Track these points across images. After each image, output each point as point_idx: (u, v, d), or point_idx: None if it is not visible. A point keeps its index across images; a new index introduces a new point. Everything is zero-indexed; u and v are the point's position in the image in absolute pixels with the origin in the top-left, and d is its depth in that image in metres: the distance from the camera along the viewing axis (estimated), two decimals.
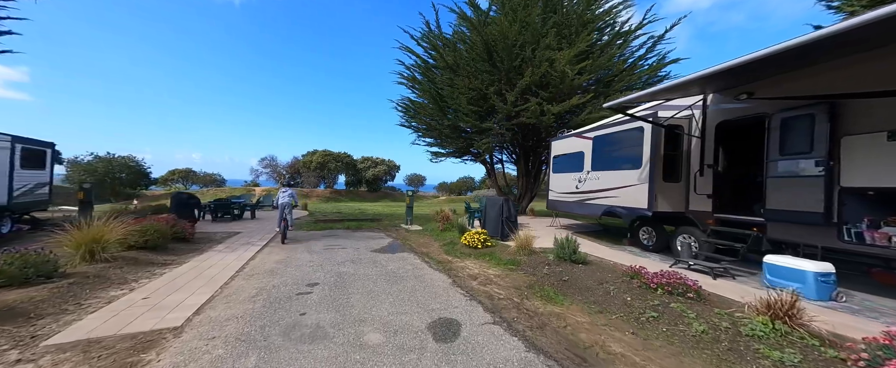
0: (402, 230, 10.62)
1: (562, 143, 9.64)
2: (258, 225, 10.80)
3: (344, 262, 6.06)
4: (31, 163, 7.37)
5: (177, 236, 7.04)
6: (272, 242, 8.06)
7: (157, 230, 6.14)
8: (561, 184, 9.56)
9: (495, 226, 8.07)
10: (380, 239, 8.74)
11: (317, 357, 2.72)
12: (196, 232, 8.53)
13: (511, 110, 11.42)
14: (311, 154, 37.66)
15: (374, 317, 3.57)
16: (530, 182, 15.07)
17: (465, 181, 47.52)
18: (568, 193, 9.14)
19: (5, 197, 6.59)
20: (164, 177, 36.76)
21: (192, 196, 9.81)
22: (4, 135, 6.66)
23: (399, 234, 9.72)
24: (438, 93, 13.24)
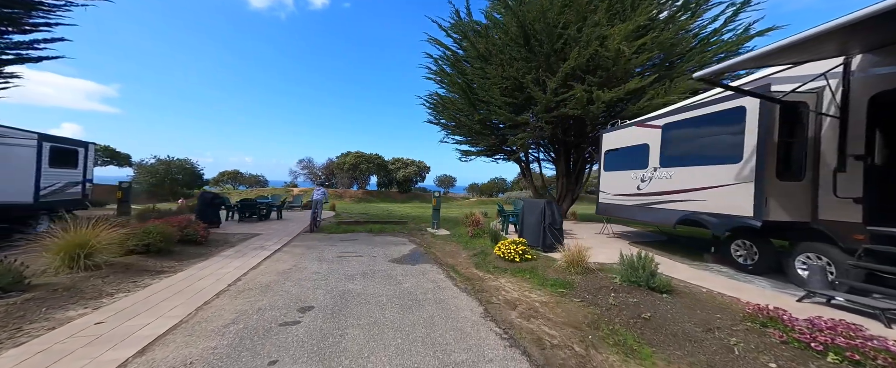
0: (428, 235, 9.50)
1: (616, 135, 7.93)
2: (282, 226, 10.31)
3: (354, 276, 5.03)
4: (62, 162, 7.36)
5: (187, 239, 6.52)
6: (287, 246, 7.33)
7: (161, 233, 5.57)
8: (615, 183, 7.84)
9: (535, 234, 6.64)
10: (401, 246, 7.68)
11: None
12: (213, 234, 8.11)
13: (551, 100, 9.84)
14: (345, 155, 38.27)
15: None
16: (571, 182, 13.25)
17: (496, 182, 45.69)
18: (625, 195, 7.42)
19: (31, 195, 6.53)
20: (215, 178, 39.37)
21: (218, 196, 9.53)
22: (31, 133, 6.60)
23: (423, 240, 8.60)
24: (469, 86, 12.00)
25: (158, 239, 5.47)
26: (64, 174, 7.45)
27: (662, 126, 6.44)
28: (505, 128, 12.12)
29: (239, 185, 40.97)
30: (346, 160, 37.50)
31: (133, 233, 5.35)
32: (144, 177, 29.55)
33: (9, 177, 6.21)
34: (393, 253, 6.87)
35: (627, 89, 8.65)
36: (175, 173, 30.68)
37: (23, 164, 6.42)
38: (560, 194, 13.41)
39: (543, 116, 10.33)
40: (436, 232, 9.80)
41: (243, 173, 40.82)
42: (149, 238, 5.41)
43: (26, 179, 6.49)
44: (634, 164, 7.15)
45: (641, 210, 6.89)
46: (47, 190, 6.97)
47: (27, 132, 6.55)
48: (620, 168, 7.67)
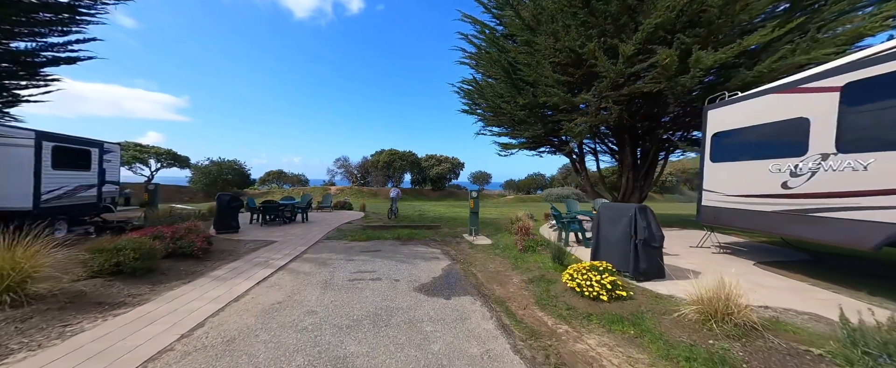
0: (465, 244, 7.70)
1: (737, 110, 5.42)
2: (304, 231, 9.18)
3: (360, 322, 3.39)
4: (70, 164, 6.75)
5: (180, 252, 5.40)
6: (297, 260, 5.98)
7: (137, 249, 4.41)
8: (734, 179, 5.38)
9: (622, 255, 4.52)
10: (432, 261, 5.97)
11: None
12: (226, 242, 7.07)
13: (622, 73, 7.47)
14: (379, 153, 37.82)
15: None
16: (638, 177, 10.61)
17: (534, 178, 42.55)
18: (756, 197, 4.96)
19: (30, 200, 5.89)
20: (262, 177, 41.20)
21: (235, 198, 8.61)
22: (27, 130, 5.95)
23: (460, 252, 6.82)
24: (511, 66, 9.92)
25: (131, 258, 4.30)
26: (73, 177, 6.85)
27: (843, 86, 3.94)
28: (555, 113, 9.86)
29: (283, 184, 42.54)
30: (379, 158, 37.03)
31: (101, 250, 4.22)
32: (199, 178, 31.39)
33: (1, 180, 5.58)
34: (421, 273, 5.16)
35: (744, 46, 6.04)
36: (225, 173, 32.20)
37: (18, 166, 5.76)
38: (624, 192, 10.83)
39: (610, 95, 7.96)
40: (474, 241, 7.97)
41: (287, 173, 42.26)
42: (119, 256, 4.25)
43: (23, 183, 5.83)
44: (776, 150, 4.68)
45: (793, 220, 4.42)
46: (51, 194, 6.34)
47: (23, 130, 5.90)
48: (744, 156, 5.20)
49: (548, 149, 13.99)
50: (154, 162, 33.38)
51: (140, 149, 31.72)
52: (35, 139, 5.93)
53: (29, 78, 9.56)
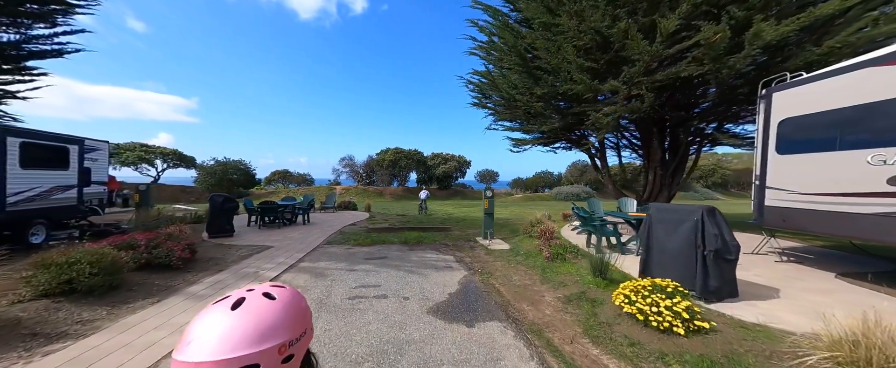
0: (480, 250, 6.84)
1: (822, 90, 4.43)
2: (303, 234, 8.41)
3: (360, 362, 2.56)
4: (43, 163, 6.05)
5: (156, 262, 4.64)
6: (291, 270, 5.19)
7: (95, 262, 3.64)
8: (814, 174, 4.41)
9: (682, 268, 3.61)
10: (446, 272, 5.11)
11: None
12: (218, 247, 6.33)
13: (659, 53, 6.51)
14: (384, 152, 37.12)
15: None
16: (666, 174, 9.61)
17: (542, 176, 41.43)
18: (844, 195, 4.00)
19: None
20: (267, 177, 40.83)
21: (229, 198, 7.87)
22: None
23: (476, 259, 5.96)
24: (528, 52, 8.99)
25: (87, 273, 3.53)
26: (46, 177, 6.15)
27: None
28: (576, 105, 8.91)
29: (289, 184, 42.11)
30: (385, 157, 36.32)
31: (49, 265, 3.46)
32: (205, 178, 31.02)
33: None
34: (434, 288, 4.31)
35: (817, 16, 5.04)
36: (231, 173, 31.78)
37: None
38: (650, 190, 9.84)
39: (643, 81, 7.00)
40: (490, 246, 7.10)
41: (292, 172, 41.83)
42: (72, 271, 3.48)
43: None
44: (880, 138, 3.72)
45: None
46: (20, 196, 5.63)
47: None
48: (829, 146, 4.23)
49: (564, 144, 13.04)
50: (160, 162, 33.15)
51: (146, 149, 31.47)
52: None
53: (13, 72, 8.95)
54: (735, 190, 46.21)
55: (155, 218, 7.60)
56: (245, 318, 0.57)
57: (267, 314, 0.59)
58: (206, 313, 0.58)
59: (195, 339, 0.53)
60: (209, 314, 0.58)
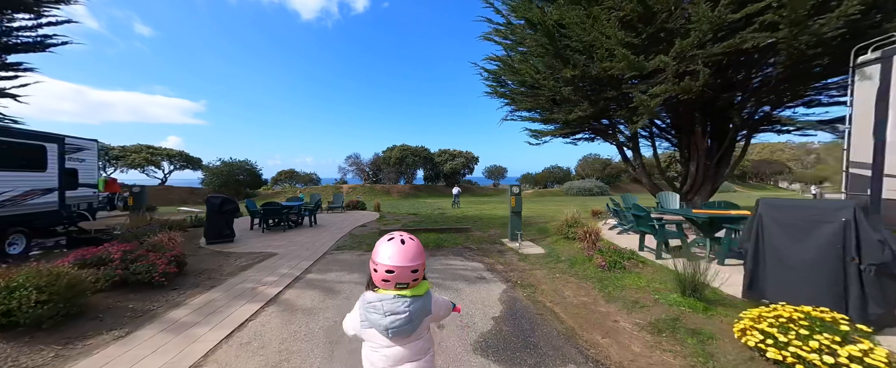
0: (511, 254, 5.92)
1: None
2: (311, 238, 7.59)
3: None
4: (10, 163, 5.27)
5: (134, 279, 3.82)
6: (296, 285, 4.34)
7: (46, 287, 2.80)
8: None
9: (821, 285, 2.65)
10: (481, 286, 4.19)
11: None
12: (216, 255, 5.52)
13: (722, 20, 5.47)
14: (390, 149, 36.31)
15: None
16: (710, 166, 8.54)
17: (552, 172, 40.27)
18: None
19: None
20: (274, 177, 40.36)
21: (228, 200, 7.07)
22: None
23: (511, 267, 5.03)
24: (556, 29, 7.95)
25: (32, 302, 2.69)
26: (16, 179, 5.37)
27: None
28: (612, 88, 7.87)
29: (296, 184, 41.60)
30: (391, 154, 35.53)
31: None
32: (211, 179, 30.55)
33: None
34: (473, 310, 3.40)
35: None
36: (237, 174, 31.28)
37: None
38: (692, 183, 8.78)
39: (698, 54, 5.95)
40: (521, 249, 6.17)
41: (299, 172, 41.32)
42: (10, 300, 2.65)
43: None
44: None
45: None
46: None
47: None
48: None
49: (588, 135, 11.99)
50: (167, 164, 32.82)
51: (152, 151, 31.13)
52: None
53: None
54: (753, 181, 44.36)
55: (146, 223, 6.82)
56: (410, 246, 1.13)
57: (415, 246, 1.15)
58: (390, 245, 1.13)
59: (391, 254, 1.10)
60: (392, 245, 1.12)
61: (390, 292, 1.12)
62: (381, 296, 1.12)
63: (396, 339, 1.12)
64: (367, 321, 1.14)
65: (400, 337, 1.11)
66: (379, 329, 1.11)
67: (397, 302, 1.10)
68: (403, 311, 1.09)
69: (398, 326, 1.09)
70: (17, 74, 8.51)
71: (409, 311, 1.10)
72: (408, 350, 1.14)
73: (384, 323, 1.09)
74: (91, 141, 7.64)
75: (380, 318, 1.10)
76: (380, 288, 1.14)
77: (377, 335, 1.12)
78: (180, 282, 4.30)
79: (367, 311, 1.14)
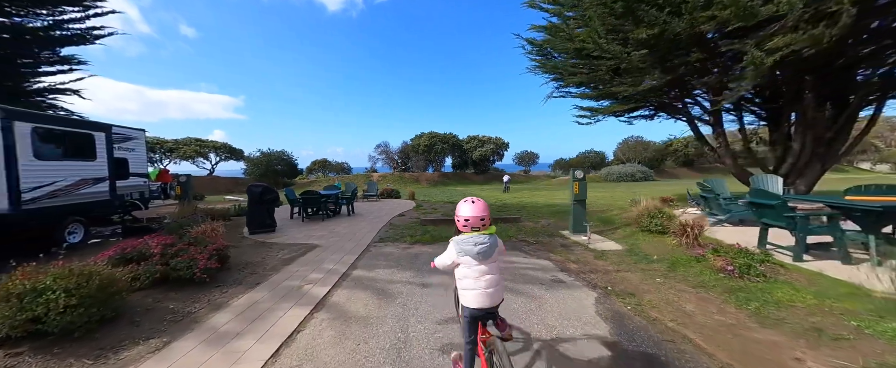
0: (581, 250, 5.01)
1: None
2: (350, 228, 7.17)
3: None
4: (63, 152, 5.20)
5: (175, 276, 3.45)
6: (346, 283, 3.80)
7: (74, 289, 2.41)
8: None
9: None
10: (563, 292, 3.37)
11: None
12: (258, 246, 5.20)
13: None
14: (419, 137, 35.77)
15: None
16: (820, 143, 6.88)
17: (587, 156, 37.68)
18: None
19: (5, 199, 4.35)
20: (309, 167, 41.63)
21: (268, 189, 6.77)
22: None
23: (589, 267, 4.14)
24: None
25: (57, 310, 2.30)
26: (69, 168, 5.31)
27: None
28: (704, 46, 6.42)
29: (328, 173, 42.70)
30: (420, 142, 35.00)
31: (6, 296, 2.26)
32: (253, 169, 31.98)
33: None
34: (565, 327, 2.60)
35: None
36: (275, 164, 32.46)
37: None
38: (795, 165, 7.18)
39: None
40: (592, 244, 5.22)
41: (331, 162, 42.27)
42: (37, 306, 2.27)
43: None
44: None
45: None
46: (38, 191, 4.79)
47: None
48: None
49: (647, 111, 10.48)
50: (213, 155, 34.86)
51: (200, 143, 33.09)
52: (1, 119, 4.31)
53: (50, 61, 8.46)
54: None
55: (192, 212, 6.72)
56: (478, 204, 1.67)
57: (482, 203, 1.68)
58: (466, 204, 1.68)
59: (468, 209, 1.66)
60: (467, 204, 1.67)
61: (471, 234, 1.67)
62: (468, 236, 1.67)
63: (482, 259, 1.65)
64: (462, 251, 1.66)
65: (484, 258, 1.65)
66: (471, 254, 1.63)
67: (479, 237, 1.66)
68: (484, 242, 1.65)
69: (483, 250, 1.64)
70: (71, 67, 8.73)
71: (488, 242, 1.66)
72: (488, 266, 1.66)
73: (475, 250, 1.63)
74: (139, 130, 7.64)
75: (471, 247, 1.63)
76: (463, 232, 1.70)
77: (470, 259, 1.64)
78: (223, 278, 3.92)
79: (462, 245, 1.66)
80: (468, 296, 1.65)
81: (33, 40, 7.74)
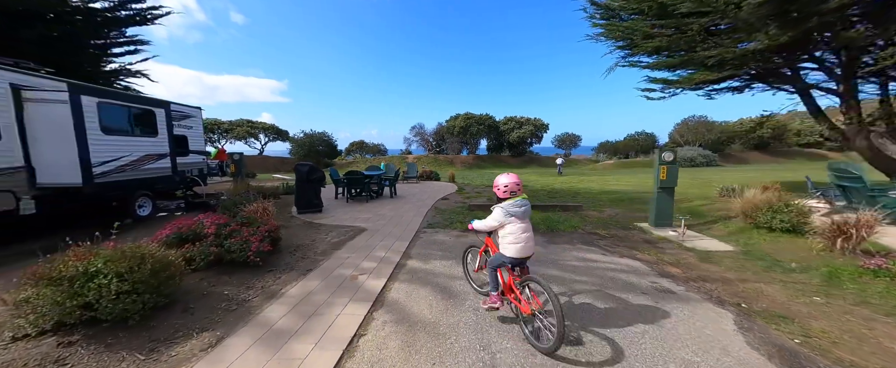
0: (674, 248, 4.10)
1: None
2: (395, 210, 6.82)
3: None
4: (127, 128, 5.28)
5: (229, 259, 3.22)
6: (402, 275, 3.36)
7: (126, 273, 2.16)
8: None
9: None
10: (676, 309, 2.58)
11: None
12: (306, 226, 5.00)
13: None
14: (454, 119, 34.78)
15: None
16: None
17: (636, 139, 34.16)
18: None
19: (78, 173, 4.47)
20: (347, 148, 42.86)
21: (314, 168, 6.58)
22: (57, 80, 4.31)
23: (696, 272, 3.26)
24: None
25: (110, 296, 2.05)
26: (134, 144, 5.42)
27: None
28: None
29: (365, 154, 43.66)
30: (455, 123, 34.04)
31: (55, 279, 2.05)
32: (297, 149, 33.52)
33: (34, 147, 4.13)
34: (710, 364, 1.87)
35: None
36: (317, 145, 33.67)
37: (51, 128, 4.26)
38: None
39: None
40: (687, 242, 4.27)
41: (367, 143, 43.07)
42: (88, 291, 2.03)
43: (63, 150, 4.35)
44: None
45: None
46: (107, 165, 4.91)
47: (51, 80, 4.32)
48: None
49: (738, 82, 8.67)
50: (263, 136, 37.05)
51: (251, 124, 35.22)
52: (68, 92, 4.34)
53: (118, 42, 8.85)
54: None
55: (245, 189, 6.75)
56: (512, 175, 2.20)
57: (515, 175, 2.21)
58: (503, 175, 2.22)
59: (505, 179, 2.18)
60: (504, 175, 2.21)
61: (513, 199, 2.14)
62: (511, 201, 2.13)
63: (523, 219, 2.13)
64: (509, 213, 2.11)
65: (524, 217, 2.14)
66: (517, 215, 2.11)
67: (520, 201, 2.14)
68: (524, 205, 2.14)
69: (524, 212, 2.13)
70: (136, 48, 9.09)
71: (526, 205, 2.16)
72: (526, 224, 2.14)
73: (520, 211, 2.12)
74: (196, 108, 7.78)
75: (517, 209, 2.11)
76: (503, 198, 2.18)
77: (516, 219, 2.10)
78: (275, 261, 3.67)
79: (509, 209, 2.11)
80: (512, 249, 2.11)
81: (103, 22, 8.06)
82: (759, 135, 29.85)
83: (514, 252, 2.09)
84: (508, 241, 2.10)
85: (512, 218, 2.08)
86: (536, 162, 33.43)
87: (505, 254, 2.13)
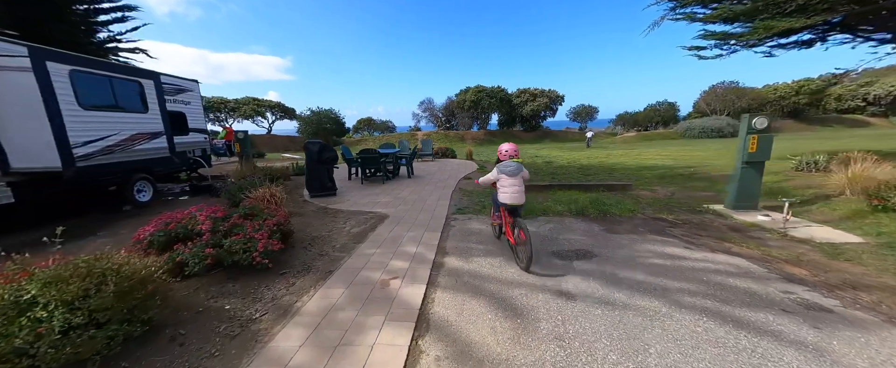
0: (777, 237, 3.25)
1: None
2: (416, 192, 6.09)
3: None
4: (109, 101, 4.51)
5: (230, 261, 2.56)
6: (445, 280, 2.66)
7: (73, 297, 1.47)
8: None
9: None
10: (858, 340, 1.82)
11: None
12: (322, 213, 4.33)
13: None
14: (464, 92, 32.97)
15: None
16: None
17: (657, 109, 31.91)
18: None
19: (56, 155, 3.79)
20: (355, 126, 41.77)
21: (326, 147, 5.81)
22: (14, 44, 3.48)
23: (840, 277, 2.44)
24: None
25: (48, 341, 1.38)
26: (119, 120, 4.68)
27: None
28: None
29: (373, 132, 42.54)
30: (465, 97, 32.29)
31: None
32: (305, 128, 32.70)
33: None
34: None
35: None
36: (325, 123, 32.72)
37: (14, 101, 3.51)
38: None
39: None
40: (791, 230, 3.41)
41: (375, 120, 41.82)
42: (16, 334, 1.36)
43: (33, 128, 3.64)
44: None
45: None
46: (89, 147, 4.21)
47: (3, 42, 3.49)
48: None
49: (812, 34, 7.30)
50: (270, 114, 36.20)
51: (257, 103, 34.27)
52: (29, 57, 3.55)
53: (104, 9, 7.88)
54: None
55: (250, 172, 6.08)
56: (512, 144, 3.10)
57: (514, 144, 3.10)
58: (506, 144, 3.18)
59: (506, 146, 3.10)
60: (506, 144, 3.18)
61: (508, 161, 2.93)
62: (506, 162, 2.92)
63: (512, 176, 2.87)
64: (501, 170, 2.90)
65: (514, 175, 2.88)
66: (507, 173, 2.87)
67: (512, 162, 2.92)
68: (515, 166, 2.90)
69: (512, 171, 2.88)
70: (123, 15, 8.13)
71: (516, 166, 2.91)
72: (515, 180, 2.87)
73: (508, 170, 2.88)
74: (192, 81, 6.95)
75: (506, 168, 2.88)
76: (502, 159, 2.97)
77: (506, 176, 2.87)
78: (287, 260, 3.01)
79: (503, 168, 2.90)
80: (503, 196, 2.88)
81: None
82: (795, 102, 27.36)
83: (505, 198, 2.87)
84: (501, 191, 2.90)
85: (502, 174, 2.89)
86: (551, 136, 31.89)
87: (500, 199, 2.93)
